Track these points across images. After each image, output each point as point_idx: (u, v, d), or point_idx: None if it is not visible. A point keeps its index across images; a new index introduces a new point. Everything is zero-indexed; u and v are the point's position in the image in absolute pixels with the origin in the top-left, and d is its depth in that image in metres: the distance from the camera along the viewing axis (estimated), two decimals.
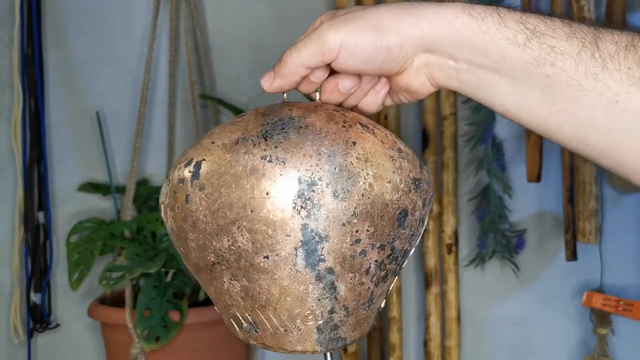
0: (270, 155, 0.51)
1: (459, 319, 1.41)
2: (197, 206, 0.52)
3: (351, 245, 0.52)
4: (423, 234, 1.40)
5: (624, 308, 1.28)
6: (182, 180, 0.54)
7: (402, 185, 0.53)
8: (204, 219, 0.52)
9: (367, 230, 0.52)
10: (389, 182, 0.53)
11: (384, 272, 0.55)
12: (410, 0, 0.55)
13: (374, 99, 0.59)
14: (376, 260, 0.53)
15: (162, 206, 0.57)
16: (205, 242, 0.53)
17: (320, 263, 0.52)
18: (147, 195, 1.42)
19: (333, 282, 0.52)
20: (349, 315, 0.54)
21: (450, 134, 1.35)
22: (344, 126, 0.54)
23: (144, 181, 1.48)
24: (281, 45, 1.67)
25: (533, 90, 0.51)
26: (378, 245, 0.53)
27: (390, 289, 0.58)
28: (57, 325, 1.50)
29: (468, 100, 1.33)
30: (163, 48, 1.50)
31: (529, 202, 1.39)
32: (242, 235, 0.51)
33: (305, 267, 0.52)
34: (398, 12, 0.52)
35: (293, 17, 1.49)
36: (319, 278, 0.52)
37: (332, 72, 0.58)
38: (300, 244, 0.51)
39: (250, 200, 0.51)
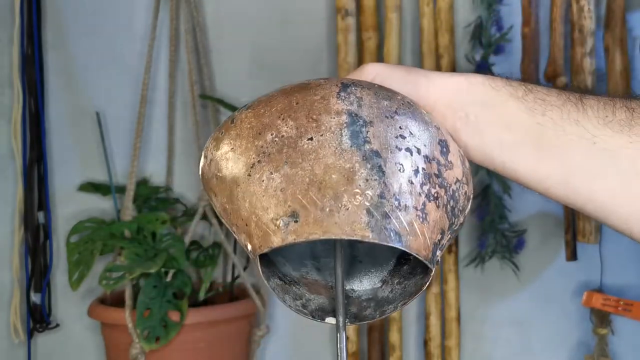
0: (312, 80, 0.55)
1: (459, 319, 1.41)
2: (242, 118, 0.54)
3: (396, 137, 0.52)
4: None
5: (624, 308, 1.28)
6: (228, 118, 0.56)
7: (440, 127, 0.56)
8: (249, 125, 0.53)
9: (411, 132, 0.53)
10: (429, 116, 0.56)
11: (434, 190, 0.52)
12: None
13: None
14: (423, 168, 0.52)
15: (203, 153, 0.58)
16: (247, 145, 0.52)
17: (366, 144, 0.50)
18: (147, 195, 1.42)
19: (380, 165, 0.50)
20: (400, 209, 0.50)
21: None
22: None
23: (144, 181, 1.48)
24: (281, 45, 1.68)
25: (527, 140, 0.58)
26: (423, 154, 0.52)
27: (446, 241, 0.55)
28: (57, 325, 1.50)
29: None
30: (163, 48, 1.50)
31: (529, 202, 1.40)
32: (286, 124, 0.52)
33: (351, 146, 0.50)
34: (428, 70, 0.62)
35: (293, 17, 1.49)
36: (365, 158, 0.50)
37: None
38: (345, 124, 0.51)
39: (294, 94, 0.53)
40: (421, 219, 0.51)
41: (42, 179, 1.47)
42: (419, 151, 0.52)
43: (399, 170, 0.51)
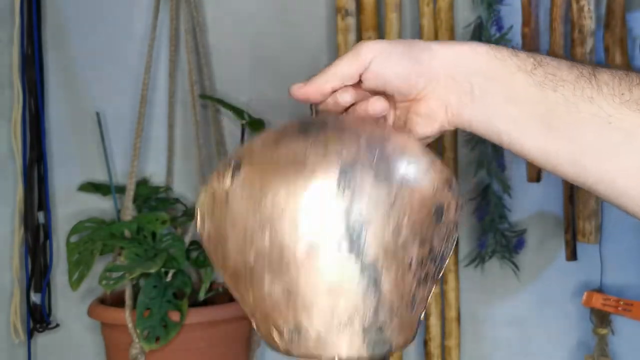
0: (310, 145, 0.51)
1: (459, 319, 1.41)
2: (238, 202, 0.52)
3: (393, 235, 0.51)
4: None
5: (624, 308, 1.28)
6: (221, 181, 0.53)
7: (437, 182, 0.54)
8: (245, 214, 0.51)
9: (407, 222, 0.51)
10: (425, 176, 0.53)
11: (424, 273, 0.54)
12: None
13: None
14: (417, 256, 0.53)
15: (198, 215, 0.56)
16: (246, 239, 0.51)
17: (364, 249, 0.50)
18: (147, 195, 1.42)
19: (377, 276, 0.51)
20: (392, 317, 0.52)
21: (450, 134, 1.35)
22: (377, 123, 0.57)
23: (144, 181, 1.48)
24: (281, 45, 1.68)
25: (535, 116, 0.55)
26: (418, 239, 0.52)
27: (429, 297, 0.57)
28: (57, 325, 1.50)
29: None
30: (163, 48, 1.50)
31: (529, 202, 1.39)
32: (282, 225, 0.50)
33: (350, 253, 0.50)
34: (429, 42, 0.59)
35: (293, 17, 1.49)
36: (363, 269, 0.50)
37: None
38: (344, 229, 0.50)
39: (292, 188, 0.50)
40: (410, 309, 0.54)
41: (42, 179, 1.47)
42: (413, 239, 0.52)
43: (395, 271, 0.51)
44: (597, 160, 0.54)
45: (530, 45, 1.30)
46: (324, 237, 0.50)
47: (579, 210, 1.28)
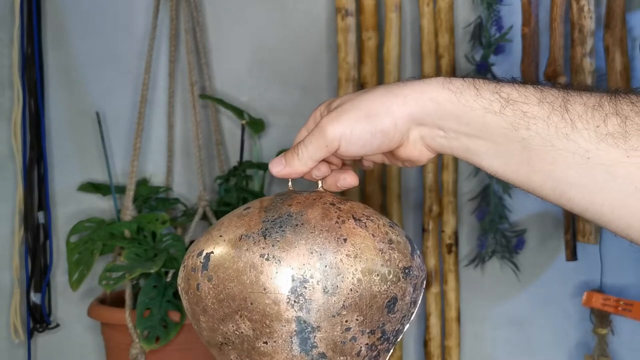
0: (267, 254, 0.58)
1: (459, 319, 1.41)
2: (206, 294, 0.60)
3: (342, 333, 0.58)
4: (422, 234, 1.40)
5: (624, 308, 1.28)
6: (194, 269, 0.61)
7: (390, 276, 0.59)
8: (212, 306, 0.59)
9: (357, 320, 0.58)
10: (377, 275, 0.58)
11: (375, 352, 0.60)
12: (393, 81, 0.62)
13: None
14: (367, 344, 0.59)
15: (179, 288, 0.64)
16: (214, 325, 0.60)
17: (314, 349, 0.58)
18: (147, 195, 1.42)
19: None
20: None
21: None
22: (337, 222, 0.60)
23: (144, 181, 1.48)
24: (281, 45, 1.68)
25: (513, 153, 0.55)
26: (368, 331, 0.59)
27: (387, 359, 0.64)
28: (57, 325, 1.51)
29: None
30: (163, 48, 1.50)
31: (529, 202, 1.39)
32: (244, 323, 0.58)
33: (300, 352, 0.58)
34: (386, 96, 0.59)
35: (293, 17, 1.49)
36: None
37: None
38: (294, 332, 0.57)
39: (249, 293, 0.58)
40: None
41: (42, 179, 1.47)
42: (362, 332, 0.58)
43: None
44: (582, 194, 0.54)
45: (530, 45, 1.30)
46: (278, 335, 0.58)
47: None
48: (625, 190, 0.52)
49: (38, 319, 1.46)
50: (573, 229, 1.30)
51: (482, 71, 1.35)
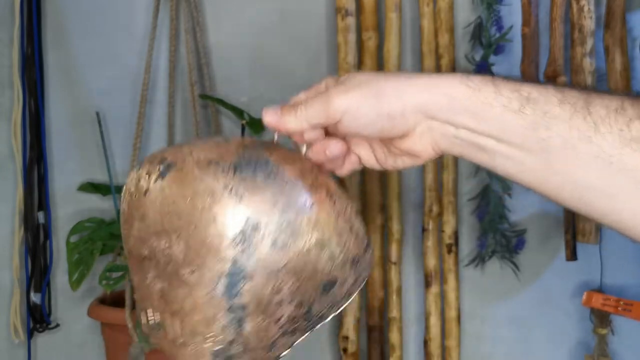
0: (232, 187, 0.54)
1: (459, 319, 1.41)
2: (152, 202, 0.56)
3: (271, 292, 0.55)
4: (422, 234, 1.40)
5: (624, 308, 1.28)
6: (149, 174, 0.58)
7: (339, 259, 0.57)
8: (153, 217, 0.56)
9: (291, 286, 0.55)
10: (328, 252, 0.56)
11: (293, 327, 0.58)
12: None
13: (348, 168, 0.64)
14: (290, 314, 0.57)
15: (125, 187, 0.61)
16: (146, 236, 0.57)
17: (237, 297, 0.55)
18: None
19: (242, 318, 0.55)
20: (245, 352, 0.57)
21: None
22: (310, 187, 0.57)
23: None
24: (281, 45, 1.68)
25: (530, 154, 0.53)
26: (297, 301, 0.56)
27: (295, 344, 0.61)
28: (57, 325, 1.50)
29: None
30: (163, 48, 1.50)
31: (529, 202, 1.40)
32: (178, 244, 0.55)
33: (223, 295, 0.54)
34: (401, 82, 0.56)
35: (293, 17, 1.49)
36: (231, 310, 0.55)
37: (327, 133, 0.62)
38: (225, 273, 0.54)
39: (197, 218, 0.54)
40: (266, 351, 0.58)
41: (42, 179, 1.47)
42: (291, 300, 0.56)
43: (260, 321, 0.56)
44: (602, 199, 0.52)
45: (530, 45, 1.30)
46: (207, 269, 0.54)
47: None
48: None
49: (38, 319, 1.46)
50: (573, 228, 1.30)
51: (482, 71, 1.35)
